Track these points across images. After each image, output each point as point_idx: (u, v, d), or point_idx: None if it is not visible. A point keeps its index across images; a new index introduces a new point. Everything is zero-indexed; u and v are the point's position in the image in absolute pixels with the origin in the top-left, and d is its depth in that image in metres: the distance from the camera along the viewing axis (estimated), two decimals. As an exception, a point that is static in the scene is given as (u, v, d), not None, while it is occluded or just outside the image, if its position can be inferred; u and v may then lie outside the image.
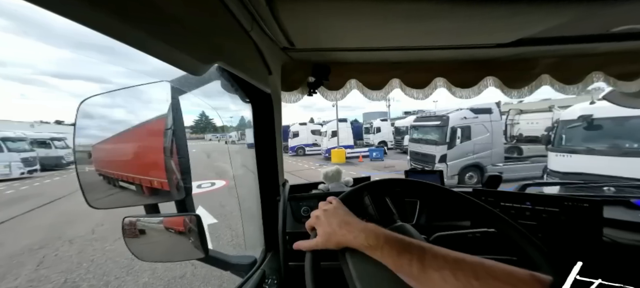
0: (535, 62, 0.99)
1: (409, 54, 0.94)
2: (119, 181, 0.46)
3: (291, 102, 1.15)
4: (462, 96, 1.10)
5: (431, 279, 0.31)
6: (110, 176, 0.47)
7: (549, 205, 0.74)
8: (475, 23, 0.65)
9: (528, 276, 0.28)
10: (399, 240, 0.36)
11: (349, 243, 0.39)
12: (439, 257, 0.33)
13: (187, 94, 0.57)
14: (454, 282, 0.30)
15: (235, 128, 1.66)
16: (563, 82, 1.01)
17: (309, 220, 0.46)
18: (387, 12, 0.59)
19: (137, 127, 0.47)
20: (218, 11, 0.45)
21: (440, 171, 1.13)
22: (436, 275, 0.31)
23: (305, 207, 0.93)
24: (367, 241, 0.37)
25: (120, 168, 0.47)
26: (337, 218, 0.42)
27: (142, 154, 0.48)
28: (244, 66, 0.58)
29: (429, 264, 0.32)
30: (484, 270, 0.30)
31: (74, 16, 0.22)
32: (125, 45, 0.27)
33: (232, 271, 0.69)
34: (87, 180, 0.44)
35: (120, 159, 0.48)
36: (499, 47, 0.84)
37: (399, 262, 0.34)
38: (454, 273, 0.30)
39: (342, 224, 0.40)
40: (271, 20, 0.60)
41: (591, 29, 0.74)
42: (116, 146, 0.48)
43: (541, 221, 0.74)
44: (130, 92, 0.51)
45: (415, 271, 0.32)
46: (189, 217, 0.51)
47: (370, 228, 0.38)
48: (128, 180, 0.46)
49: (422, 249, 0.34)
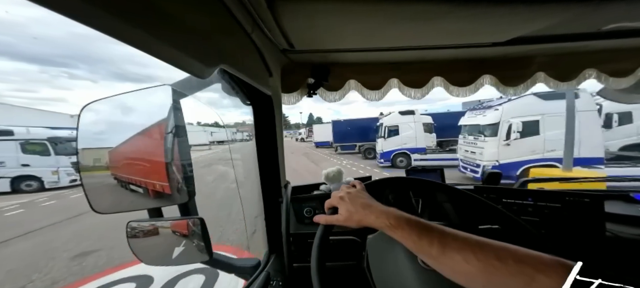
0: (530, 60, 1.02)
1: (407, 54, 0.95)
2: (123, 185, 0.46)
3: (291, 103, 1.15)
4: (459, 95, 1.11)
5: (452, 259, 0.32)
6: (114, 181, 0.47)
7: (550, 200, 0.75)
8: (471, 23, 0.67)
9: (553, 260, 0.28)
10: (420, 222, 0.37)
11: (370, 223, 0.41)
12: (459, 238, 0.33)
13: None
14: (476, 262, 0.30)
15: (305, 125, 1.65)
16: (557, 80, 1.04)
17: (330, 199, 0.49)
18: (385, 12, 0.60)
19: (141, 131, 0.47)
20: (220, 14, 0.46)
21: (441, 168, 1.14)
22: (457, 255, 0.31)
23: (308, 208, 0.93)
24: (389, 221, 0.38)
25: (124, 172, 0.47)
26: (361, 199, 0.45)
27: (145, 158, 0.48)
28: (246, 68, 0.58)
29: (450, 245, 0.33)
30: (507, 252, 0.29)
31: (89, 22, 0.22)
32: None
33: (236, 274, 0.69)
34: (90, 185, 0.43)
35: (124, 164, 0.47)
36: (495, 46, 0.85)
37: (419, 242, 0.35)
38: (475, 254, 0.30)
39: (364, 205, 0.43)
40: (272, 22, 0.60)
41: (583, 27, 0.77)
42: (119, 150, 0.47)
43: (543, 217, 0.75)
44: (131, 96, 0.51)
45: (435, 251, 0.33)
46: (192, 220, 0.51)
47: (392, 211, 0.40)
48: (132, 184, 0.46)
49: (442, 231, 0.35)
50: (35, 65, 67.45)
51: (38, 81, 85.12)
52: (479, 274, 0.30)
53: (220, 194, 5.61)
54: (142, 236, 0.49)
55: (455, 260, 0.31)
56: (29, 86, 69.48)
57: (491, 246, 0.31)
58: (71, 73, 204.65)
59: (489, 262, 0.29)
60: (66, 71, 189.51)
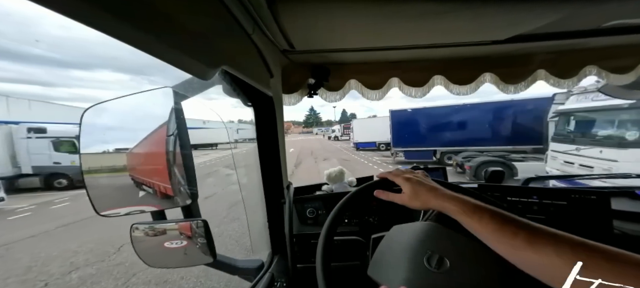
0: (530, 58, 1.02)
1: (407, 53, 0.95)
2: (126, 188, 0.46)
3: (291, 104, 1.15)
4: (460, 93, 1.12)
5: (540, 252, 0.30)
6: (117, 183, 0.47)
7: (556, 198, 0.74)
8: (472, 21, 0.67)
9: None
10: (502, 211, 0.36)
11: (437, 206, 0.42)
12: (549, 233, 0.31)
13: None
14: (572, 258, 0.27)
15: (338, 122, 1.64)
16: (558, 77, 1.04)
17: (392, 176, 0.49)
18: (385, 12, 0.60)
19: (143, 133, 0.47)
20: (221, 15, 0.46)
21: (443, 167, 1.14)
22: (549, 249, 0.29)
23: (310, 209, 0.93)
24: (463, 207, 0.38)
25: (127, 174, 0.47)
26: (428, 183, 0.46)
27: (148, 160, 0.48)
28: (247, 69, 0.58)
29: (541, 238, 0.30)
30: (612, 255, 0.27)
31: (93, 23, 0.22)
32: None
33: (239, 275, 0.68)
34: (94, 188, 0.43)
35: (127, 166, 0.47)
36: (495, 44, 0.85)
37: (500, 232, 0.33)
38: (573, 250, 0.28)
39: (430, 188, 0.44)
40: (272, 22, 0.60)
41: (584, 24, 0.77)
42: (123, 153, 0.47)
43: (549, 214, 0.74)
44: (133, 99, 0.51)
45: (519, 242, 0.31)
46: (196, 222, 0.51)
47: (464, 197, 0.40)
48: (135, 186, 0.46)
49: (529, 223, 0.33)
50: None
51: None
52: (568, 270, 0.27)
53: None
54: (145, 238, 0.49)
55: (545, 252, 0.29)
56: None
57: (589, 245, 0.28)
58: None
59: (597, 264, 0.26)
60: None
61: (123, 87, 37.04)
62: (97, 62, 42.78)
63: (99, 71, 36.94)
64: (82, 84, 60.89)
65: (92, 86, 65.40)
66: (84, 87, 39.94)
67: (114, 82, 39.22)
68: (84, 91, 29.15)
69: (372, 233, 0.58)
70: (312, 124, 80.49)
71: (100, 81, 60.60)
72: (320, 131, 44.14)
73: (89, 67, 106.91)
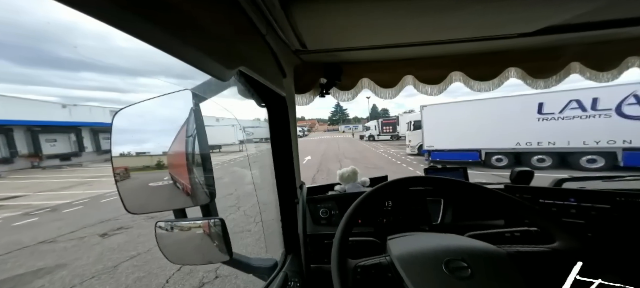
0: (562, 50, 0.93)
1: (422, 50, 0.91)
2: (152, 188, 0.49)
3: (304, 104, 1.16)
4: (481, 89, 1.05)
5: None
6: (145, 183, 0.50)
7: (597, 201, 0.68)
8: (496, 14, 0.62)
9: None
10: None
11: None
12: None
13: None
14: None
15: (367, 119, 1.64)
16: (595, 70, 0.94)
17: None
18: (399, 8, 0.57)
19: (169, 134, 0.49)
20: (237, 16, 0.46)
21: (464, 167, 1.08)
22: None
23: (323, 209, 0.92)
24: None
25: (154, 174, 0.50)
26: None
27: (172, 161, 0.50)
28: (262, 70, 0.59)
29: None
30: None
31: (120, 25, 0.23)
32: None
33: (254, 274, 0.70)
34: (125, 187, 0.46)
35: (154, 166, 0.50)
36: (522, 36, 0.79)
37: None
38: None
39: None
40: (285, 23, 0.61)
41: (626, 12, 0.69)
42: (150, 154, 0.50)
43: (590, 219, 0.68)
44: (157, 102, 0.53)
45: None
46: (213, 221, 0.52)
47: None
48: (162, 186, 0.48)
49: None
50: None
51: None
52: None
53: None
54: (168, 235, 0.51)
55: None
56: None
57: None
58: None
59: None
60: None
61: (172, 90, 40.66)
62: (154, 70, 48.07)
63: (155, 78, 41.14)
64: (146, 90, 67.33)
65: (154, 91, 73.13)
66: (148, 92, 44.36)
67: (166, 86, 42.59)
68: (149, 94, 32.14)
69: (387, 234, 0.57)
70: (338, 121, 76.16)
71: (157, 86, 67.29)
72: (347, 129, 41.62)
73: (149, 74, 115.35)
